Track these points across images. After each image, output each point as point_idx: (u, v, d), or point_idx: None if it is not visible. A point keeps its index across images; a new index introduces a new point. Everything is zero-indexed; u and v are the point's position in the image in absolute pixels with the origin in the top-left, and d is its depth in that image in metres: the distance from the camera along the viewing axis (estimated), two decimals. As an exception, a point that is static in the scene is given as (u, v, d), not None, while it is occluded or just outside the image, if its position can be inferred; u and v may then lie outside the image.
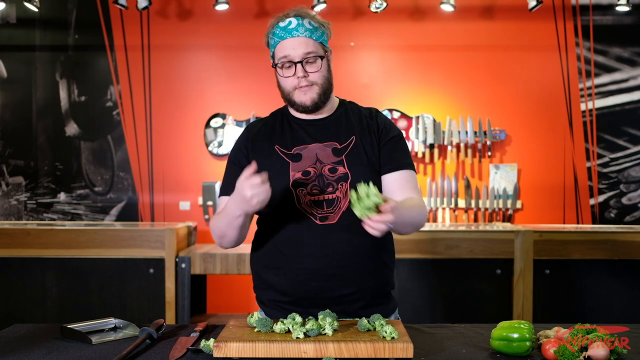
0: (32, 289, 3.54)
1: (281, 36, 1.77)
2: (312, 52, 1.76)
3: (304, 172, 1.77)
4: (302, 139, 1.82)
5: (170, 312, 3.50)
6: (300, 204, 1.77)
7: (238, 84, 4.70)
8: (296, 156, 1.79)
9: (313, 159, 1.78)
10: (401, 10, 4.57)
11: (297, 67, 1.75)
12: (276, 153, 1.81)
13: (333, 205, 1.76)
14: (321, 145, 1.80)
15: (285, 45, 1.76)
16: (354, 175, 1.76)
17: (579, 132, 4.65)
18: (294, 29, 1.76)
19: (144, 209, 4.69)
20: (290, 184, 1.76)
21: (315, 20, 1.81)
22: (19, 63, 4.74)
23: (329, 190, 1.76)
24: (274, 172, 1.75)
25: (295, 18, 1.77)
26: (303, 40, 1.76)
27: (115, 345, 1.57)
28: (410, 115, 4.63)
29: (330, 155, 1.79)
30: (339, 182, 1.76)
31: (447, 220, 4.61)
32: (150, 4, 4.09)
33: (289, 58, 1.75)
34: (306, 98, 1.77)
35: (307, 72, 1.76)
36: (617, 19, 4.64)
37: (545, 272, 3.47)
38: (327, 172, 1.77)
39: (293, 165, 1.78)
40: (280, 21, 1.78)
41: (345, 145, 1.80)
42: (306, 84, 1.76)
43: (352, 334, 1.49)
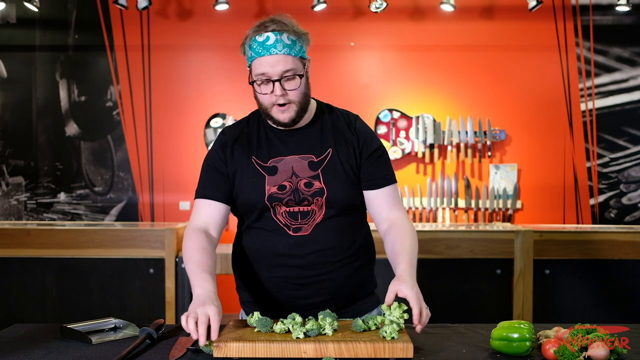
0: (32, 289, 3.54)
1: (258, 52, 1.69)
2: (290, 70, 1.68)
3: (279, 187, 1.75)
4: (278, 150, 1.79)
5: (170, 312, 3.50)
6: (275, 214, 1.77)
7: (238, 84, 4.69)
8: (272, 169, 1.77)
9: (289, 172, 1.76)
10: (401, 10, 4.57)
11: (275, 86, 1.68)
12: (252, 165, 1.78)
13: (307, 217, 1.76)
14: (297, 158, 1.77)
15: (263, 63, 1.68)
16: (330, 190, 1.75)
17: (579, 132, 4.65)
18: (272, 45, 1.68)
19: (144, 209, 4.69)
20: (266, 199, 1.75)
21: (294, 33, 1.71)
22: (19, 63, 4.74)
23: (304, 203, 1.75)
24: (249, 183, 1.77)
25: (273, 33, 1.68)
26: (282, 58, 1.68)
27: (115, 345, 1.57)
28: (410, 115, 4.63)
29: (306, 169, 1.76)
30: (314, 196, 1.75)
31: (447, 220, 4.61)
32: (150, 4, 4.09)
33: (266, 76, 1.68)
34: (284, 116, 1.73)
35: (285, 91, 1.69)
36: (617, 19, 4.64)
37: (545, 272, 3.47)
38: (302, 187, 1.75)
39: (269, 179, 1.76)
40: (257, 34, 1.69)
41: (321, 159, 1.77)
42: (284, 101, 1.70)
43: (352, 334, 1.49)
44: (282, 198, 1.75)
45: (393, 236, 1.77)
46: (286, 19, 1.74)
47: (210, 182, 1.85)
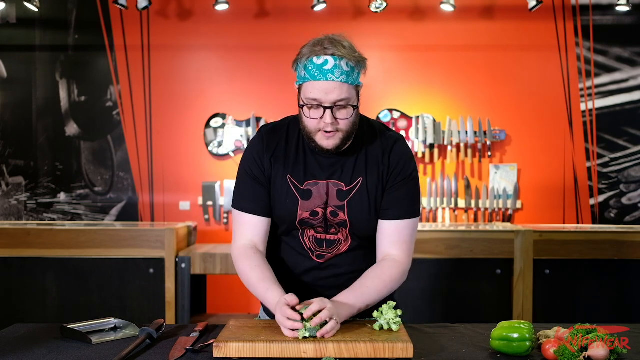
0: (32, 289, 3.54)
1: (314, 75, 1.59)
2: (344, 100, 1.60)
3: (312, 212, 1.71)
4: (314, 172, 1.72)
5: (170, 312, 3.50)
6: (303, 236, 1.74)
7: (238, 84, 4.70)
8: (306, 193, 1.71)
9: (322, 198, 1.71)
10: (401, 10, 4.57)
11: (325, 113, 1.60)
12: (287, 184, 1.72)
13: (333, 246, 1.75)
14: (331, 184, 1.72)
15: (317, 88, 1.59)
16: (353, 222, 1.71)
17: (579, 132, 4.65)
18: (330, 71, 1.58)
19: (144, 209, 4.69)
20: (297, 222, 1.72)
21: (353, 59, 1.61)
22: (19, 63, 4.74)
23: (331, 231, 1.73)
24: (282, 204, 1.72)
25: (333, 57, 1.58)
26: (337, 86, 1.58)
27: (115, 345, 1.57)
28: (410, 115, 4.63)
29: (335, 198, 1.71)
30: (339, 226, 1.72)
31: (447, 220, 4.61)
32: (150, 4, 4.09)
33: (318, 102, 1.60)
34: (328, 143, 1.64)
35: (335, 119, 1.61)
36: (617, 19, 4.64)
37: (545, 272, 3.47)
38: (329, 215, 1.72)
39: (302, 203, 1.71)
40: (315, 55, 1.60)
41: (349, 189, 1.71)
42: (332, 129, 1.62)
43: (352, 334, 1.49)
44: (313, 224, 1.72)
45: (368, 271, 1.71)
46: (346, 41, 1.64)
47: (251, 194, 1.75)
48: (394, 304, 1.54)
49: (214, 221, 4.67)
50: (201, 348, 1.53)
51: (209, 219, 4.66)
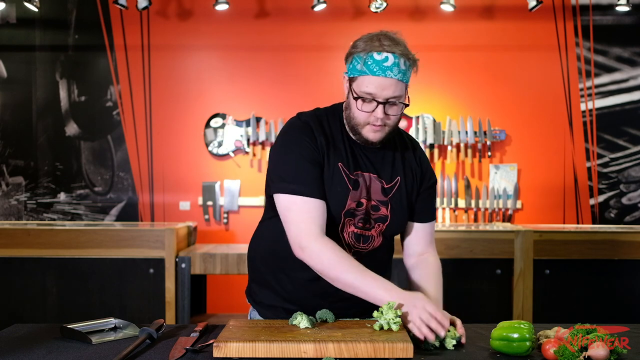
0: (32, 289, 3.54)
1: (373, 71, 1.62)
2: (397, 97, 1.66)
3: (358, 203, 1.70)
4: (359, 163, 1.71)
5: (170, 312, 3.50)
6: (343, 231, 1.72)
7: (238, 84, 4.70)
8: (355, 183, 1.70)
9: (366, 190, 1.71)
10: (401, 10, 4.57)
11: (378, 107, 1.64)
12: (339, 172, 1.69)
13: (368, 243, 1.74)
14: (375, 177, 1.73)
15: (375, 83, 1.62)
16: (393, 219, 1.74)
17: (579, 132, 4.65)
18: (389, 68, 1.63)
19: (144, 209, 4.69)
20: (343, 212, 1.69)
21: (409, 59, 1.68)
22: (19, 63, 4.73)
23: (367, 226, 1.73)
24: (332, 191, 1.68)
25: (393, 55, 1.63)
26: (394, 83, 1.64)
27: (115, 345, 1.57)
28: (410, 115, 4.63)
29: (378, 192, 1.72)
30: (377, 221, 1.73)
31: (447, 220, 4.61)
32: (150, 4, 4.09)
33: (373, 96, 1.63)
34: (375, 136, 1.68)
35: (386, 115, 1.66)
36: (617, 19, 4.64)
37: (545, 272, 3.47)
38: (370, 209, 1.72)
39: (352, 193, 1.69)
40: (375, 51, 1.63)
41: (391, 186, 1.74)
42: (381, 124, 1.66)
43: (352, 334, 1.49)
44: (357, 215, 1.71)
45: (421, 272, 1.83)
46: (401, 39, 1.69)
47: (307, 176, 1.65)
48: (395, 303, 1.53)
49: (214, 221, 4.67)
50: (201, 348, 1.53)
51: (209, 219, 4.66)
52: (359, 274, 1.61)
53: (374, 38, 1.65)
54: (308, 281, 1.74)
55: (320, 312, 1.63)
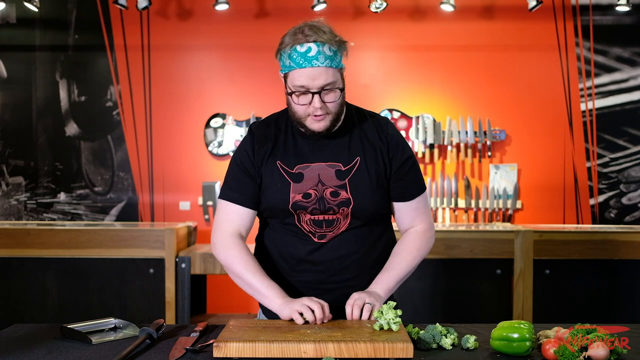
0: (32, 289, 3.54)
1: (299, 63, 1.64)
2: (331, 83, 1.66)
3: (304, 195, 1.73)
4: (305, 157, 1.75)
5: (170, 312, 3.50)
6: (299, 221, 1.76)
7: (238, 84, 4.70)
8: (298, 176, 1.74)
9: (315, 180, 1.73)
10: (401, 10, 4.57)
11: (314, 98, 1.66)
12: (278, 170, 1.75)
13: (332, 226, 1.75)
14: (324, 165, 1.74)
15: (303, 74, 1.64)
16: (357, 200, 1.73)
17: (579, 132, 4.65)
18: (314, 57, 1.64)
19: (144, 209, 4.69)
20: (290, 206, 1.73)
21: (334, 43, 1.67)
22: (19, 63, 4.74)
23: (329, 212, 1.74)
24: (274, 189, 1.75)
25: (315, 44, 1.63)
26: (323, 71, 1.64)
27: (115, 345, 1.57)
28: (410, 115, 4.63)
29: (333, 178, 1.73)
30: (340, 206, 1.73)
31: (447, 220, 4.61)
32: (150, 4, 4.09)
33: (306, 88, 1.65)
34: (319, 125, 1.70)
35: (324, 104, 1.67)
36: (617, 19, 4.64)
37: (545, 272, 3.47)
38: (328, 196, 1.73)
39: (294, 186, 1.73)
40: (297, 44, 1.64)
41: (349, 168, 1.75)
42: (321, 113, 1.68)
43: (352, 334, 1.49)
44: (306, 206, 1.73)
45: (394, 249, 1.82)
46: (325, 26, 1.69)
47: (239, 185, 1.80)
48: (394, 304, 1.54)
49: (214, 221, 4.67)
50: (201, 348, 1.53)
51: (209, 219, 4.66)
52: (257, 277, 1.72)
53: (297, 31, 1.67)
54: (304, 279, 1.77)
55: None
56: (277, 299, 1.67)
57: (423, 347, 1.52)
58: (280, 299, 1.66)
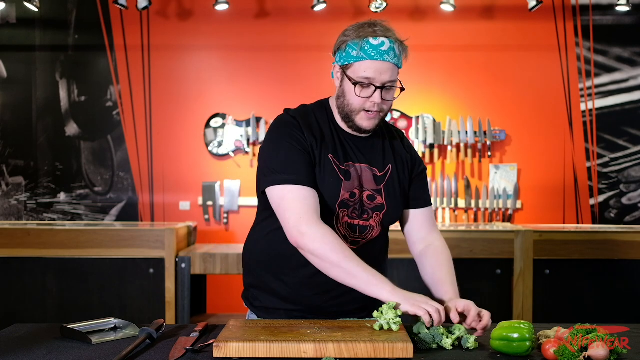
0: (32, 289, 3.54)
1: (371, 55, 1.64)
2: (394, 81, 1.68)
3: (351, 193, 1.70)
4: (350, 154, 1.73)
5: (170, 312, 3.50)
6: (337, 223, 1.71)
7: (238, 84, 4.70)
8: (347, 174, 1.71)
9: (358, 180, 1.72)
10: (401, 10, 4.57)
11: (375, 92, 1.65)
12: (330, 163, 1.69)
13: (365, 232, 1.74)
14: (366, 167, 1.74)
15: (372, 67, 1.64)
16: (389, 207, 1.74)
17: (579, 132, 4.65)
18: (386, 52, 1.65)
19: (144, 209, 4.69)
20: (337, 203, 1.69)
21: (403, 45, 1.71)
22: (19, 63, 4.74)
23: (364, 217, 1.72)
24: (324, 183, 1.68)
25: (389, 40, 1.65)
26: (391, 67, 1.66)
27: (115, 345, 1.57)
28: (410, 115, 4.63)
29: (371, 181, 1.73)
30: (374, 211, 1.73)
31: (447, 220, 4.61)
32: (150, 4, 4.09)
33: (371, 81, 1.65)
34: (369, 124, 1.70)
35: (384, 100, 1.67)
36: (617, 19, 4.64)
37: (545, 272, 3.47)
38: (365, 199, 1.72)
39: (345, 183, 1.70)
40: (371, 36, 1.64)
41: (383, 174, 1.75)
42: (377, 110, 1.68)
43: (352, 334, 1.49)
44: (350, 206, 1.71)
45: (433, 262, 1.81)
46: (392, 27, 1.71)
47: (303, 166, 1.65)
48: (395, 303, 1.53)
49: (214, 221, 4.67)
50: (201, 348, 1.53)
51: (209, 219, 4.66)
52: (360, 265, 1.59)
53: (365, 25, 1.67)
54: (308, 278, 1.74)
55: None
56: (387, 286, 1.59)
57: (423, 347, 1.52)
58: (390, 287, 1.59)
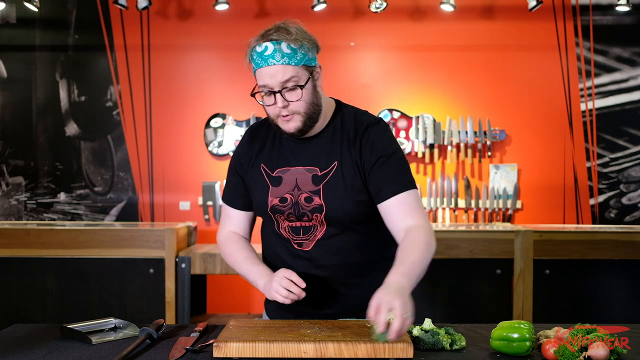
0: (32, 289, 3.54)
1: (258, 63, 1.66)
2: (290, 80, 1.63)
3: (281, 199, 1.73)
4: (286, 160, 1.76)
5: (170, 312, 3.50)
6: (279, 228, 1.78)
7: (238, 84, 4.69)
8: (277, 179, 1.75)
9: (292, 184, 1.73)
10: (401, 10, 4.57)
11: (276, 97, 1.65)
12: (260, 172, 1.79)
13: (309, 233, 1.75)
14: (303, 170, 1.73)
15: (263, 74, 1.65)
16: (328, 207, 1.70)
17: (579, 132, 4.65)
18: (270, 56, 1.63)
19: (144, 209, 4.69)
20: (268, 209, 1.76)
21: (295, 41, 1.64)
22: (19, 63, 4.74)
23: (304, 219, 1.73)
24: (256, 192, 1.79)
25: (272, 42, 1.63)
26: (280, 69, 1.63)
27: (115, 345, 1.57)
28: (410, 115, 4.63)
29: (309, 183, 1.71)
30: (313, 212, 1.71)
31: (447, 220, 4.61)
32: (150, 4, 4.09)
33: (267, 87, 1.66)
34: (289, 127, 1.69)
35: (287, 101, 1.65)
36: (617, 19, 4.64)
37: (545, 272, 3.47)
38: (302, 201, 1.71)
39: (272, 190, 1.75)
40: (257, 45, 1.66)
41: (325, 173, 1.72)
42: (287, 113, 1.66)
43: (352, 333, 1.49)
44: (283, 211, 1.73)
45: (400, 247, 1.64)
46: (292, 25, 1.68)
47: (233, 188, 1.88)
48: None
49: (214, 221, 4.67)
50: (201, 348, 1.53)
51: (209, 219, 4.66)
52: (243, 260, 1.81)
53: (263, 33, 1.68)
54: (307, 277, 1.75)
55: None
56: (260, 279, 1.74)
57: (423, 347, 1.52)
58: (263, 279, 1.72)
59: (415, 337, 1.54)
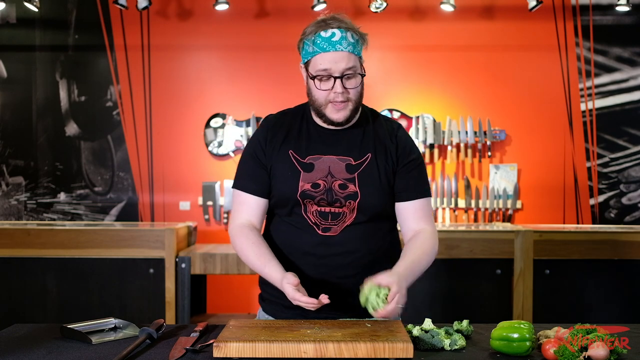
0: (32, 289, 3.54)
1: (323, 47, 1.70)
2: (352, 68, 1.70)
3: (313, 184, 1.75)
4: (317, 148, 1.79)
5: (170, 312, 3.50)
6: (306, 212, 1.77)
7: (238, 84, 4.70)
8: (308, 166, 1.77)
9: (325, 171, 1.76)
10: (401, 10, 4.57)
11: (336, 82, 1.70)
12: (289, 158, 1.78)
13: (338, 219, 1.77)
14: (335, 159, 1.77)
15: (327, 58, 1.70)
16: (364, 195, 1.75)
17: (579, 132, 4.65)
18: (338, 42, 1.70)
19: (144, 209, 4.69)
20: (298, 194, 1.75)
21: (357, 33, 1.74)
22: (19, 63, 4.74)
23: (336, 205, 1.76)
24: (284, 177, 1.77)
25: (339, 30, 1.71)
26: (345, 55, 1.70)
27: (115, 345, 1.57)
28: (410, 115, 4.63)
29: (343, 171, 1.76)
30: (347, 199, 1.75)
31: (447, 220, 4.61)
32: (150, 4, 4.09)
33: (329, 72, 1.70)
34: (339, 115, 1.74)
35: (345, 89, 1.71)
36: (617, 19, 4.64)
37: (545, 272, 3.47)
38: (336, 188, 1.75)
39: (304, 175, 1.76)
40: (322, 30, 1.72)
41: (359, 162, 1.77)
42: (342, 99, 1.71)
43: (352, 333, 1.49)
44: (314, 196, 1.75)
45: (407, 245, 1.80)
46: (346, 18, 1.76)
47: (251, 174, 1.83)
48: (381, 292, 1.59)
49: (214, 221, 4.67)
50: (201, 348, 1.53)
51: (209, 219, 4.66)
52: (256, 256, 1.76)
53: (320, 20, 1.75)
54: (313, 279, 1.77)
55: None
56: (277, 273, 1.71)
57: (423, 347, 1.52)
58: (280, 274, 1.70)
59: (415, 337, 1.54)
